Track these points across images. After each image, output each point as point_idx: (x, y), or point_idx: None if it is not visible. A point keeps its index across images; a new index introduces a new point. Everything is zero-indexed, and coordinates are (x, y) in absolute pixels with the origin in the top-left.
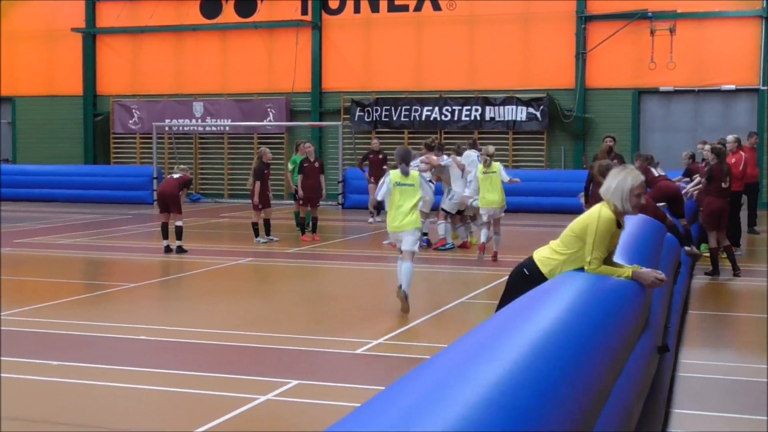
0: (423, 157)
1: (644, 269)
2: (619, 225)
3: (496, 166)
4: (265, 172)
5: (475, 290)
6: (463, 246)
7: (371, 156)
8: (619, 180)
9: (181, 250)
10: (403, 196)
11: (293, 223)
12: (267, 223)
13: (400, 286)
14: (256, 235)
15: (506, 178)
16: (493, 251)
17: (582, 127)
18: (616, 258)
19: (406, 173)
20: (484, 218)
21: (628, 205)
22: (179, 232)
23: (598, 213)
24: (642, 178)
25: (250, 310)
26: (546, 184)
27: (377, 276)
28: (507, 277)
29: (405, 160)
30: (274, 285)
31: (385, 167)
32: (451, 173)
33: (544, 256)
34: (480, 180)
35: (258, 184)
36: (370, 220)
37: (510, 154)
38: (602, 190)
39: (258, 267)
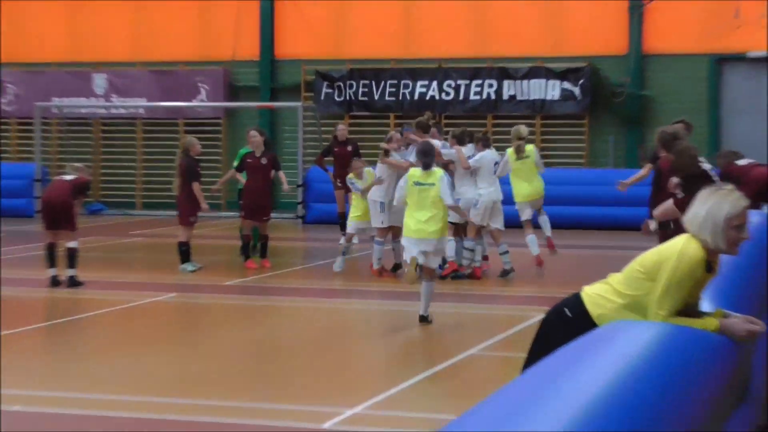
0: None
1: (733, 317)
2: (710, 268)
3: (531, 149)
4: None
5: (490, 337)
6: (473, 275)
7: (336, 149)
8: (711, 206)
9: (74, 282)
10: (421, 198)
11: (238, 243)
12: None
13: (424, 316)
14: (184, 259)
15: (541, 167)
16: (535, 256)
17: (638, 108)
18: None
19: (427, 167)
20: (524, 216)
21: (723, 242)
22: (72, 257)
23: (680, 248)
24: (745, 202)
25: (174, 367)
26: (587, 189)
27: (352, 318)
28: (538, 318)
29: (427, 156)
30: (209, 331)
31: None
32: (456, 170)
33: (597, 293)
34: (513, 170)
35: (196, 185)
36: (342, 241)
37: (537, 147)
38: (688, 219)
39: (186, 306)
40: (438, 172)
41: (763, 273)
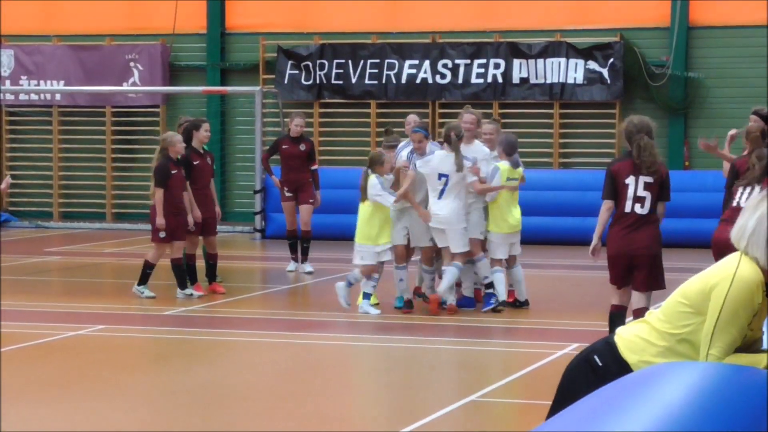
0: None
1: None
2: None
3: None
4: (173, 173)
5: (498, 380)
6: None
7: (284, 146)
8: (761, 214)
9: None
10: (512, 194)
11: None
12: (179, 268)
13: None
14: (142, 281)
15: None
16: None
17: (683, 94)
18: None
19: (517, 164)
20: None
21: None
22: None
23: (734, 271)
24: None
25: (99, 418)
26: None
27: (324, 357)
28: (554, 357)
29: (516, 149)
30: (143, 373)
31: (314, 167)
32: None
33: (634, 335)
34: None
35: (159, 194)
36: (290, 266)
37: (556, 143)
38: (734, 234)
39: (115, 341)
40: (521, 169)
41: None
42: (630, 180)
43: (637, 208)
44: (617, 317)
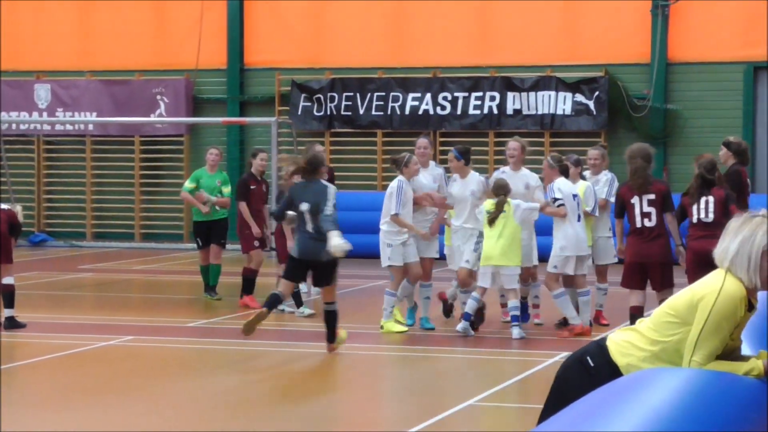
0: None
1: None
2: (751, 306)
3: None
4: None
5: (494, 385)
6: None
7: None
8: (743, 238)
9: (14, 323)
10: None
11: (198, 279)
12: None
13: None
14: (299, 303)
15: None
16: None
17: (662, 124)
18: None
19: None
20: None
21: (756, 277)
22: (9, 296)
23: (720, 286)
24: None
25: (127, 420)
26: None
27: (335, 364)
28: (547, 364)
29: None
30: (168, 381)
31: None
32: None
33: (624, 340)
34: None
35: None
36: (299, 310)
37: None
38: (718, 254)
39: (143, 351)
40: None
41: None
42: (635, 200)
43: (646, 222)
44: (636, 317)
